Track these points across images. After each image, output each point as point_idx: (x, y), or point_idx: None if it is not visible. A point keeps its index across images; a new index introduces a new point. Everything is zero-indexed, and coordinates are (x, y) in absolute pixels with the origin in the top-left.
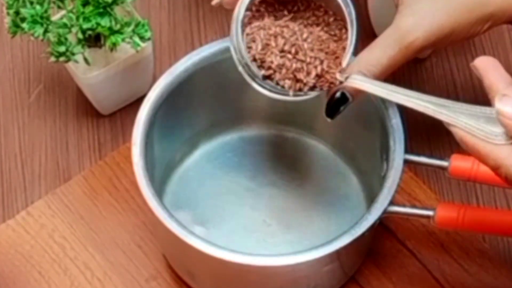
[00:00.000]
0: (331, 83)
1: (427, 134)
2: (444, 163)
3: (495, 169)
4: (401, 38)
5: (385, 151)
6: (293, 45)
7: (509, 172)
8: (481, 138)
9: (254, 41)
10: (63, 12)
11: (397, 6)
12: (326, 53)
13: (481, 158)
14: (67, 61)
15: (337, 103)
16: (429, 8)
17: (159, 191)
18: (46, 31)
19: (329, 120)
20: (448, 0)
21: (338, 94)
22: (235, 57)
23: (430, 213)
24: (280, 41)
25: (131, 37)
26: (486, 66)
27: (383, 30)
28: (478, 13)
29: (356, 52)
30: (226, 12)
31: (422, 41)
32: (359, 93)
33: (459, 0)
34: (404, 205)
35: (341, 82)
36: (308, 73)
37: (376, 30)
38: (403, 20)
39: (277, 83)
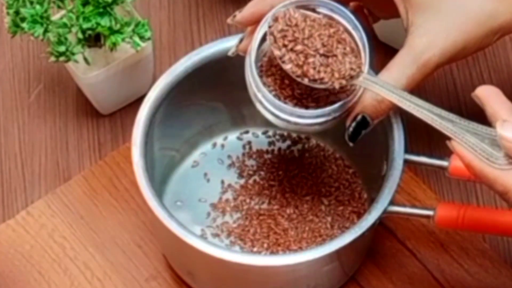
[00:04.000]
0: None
1: (427, 134)
2: (444, 163)
3: (503, 194)
4: (417, 57)
5: (385, 151)
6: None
7: None
8: (483, 160)
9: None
10: (63, 12)
11: (407, 28)
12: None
13: (489, 183)
14: (67, 61)
15: (358, 127)
16: (441, 26)
17: (159, 191)
18: (46, 31)
19: (351, 144)
20: (458, 17)
21: (359, 118)
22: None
23: (430, 213)
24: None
25: (131, 37)
26: (488, 95)
27: (389, 36)
28: (488, 26)
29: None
30: (226, 12)
31: (438, 58)
32: (379, 116)
33: (469, 16)
34: (404, 205)
35: (351, 77)
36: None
37: (379, 36)
38: (416, 40)
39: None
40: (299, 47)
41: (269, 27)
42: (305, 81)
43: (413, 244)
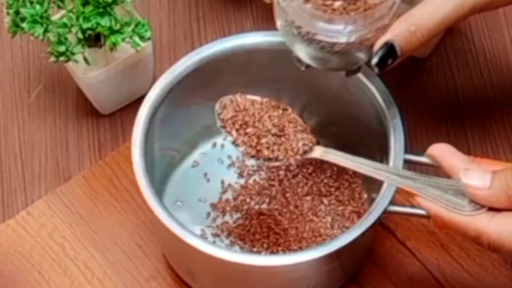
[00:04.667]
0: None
1: (427, 134)
2: None
3: (476, 238)
4: None
5: (385, 151)
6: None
7: (492, 239)
8: (451, 210)
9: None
10: (63, 12)
11: None
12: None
13: (460, 230)
14: (67, 61)
15: (386, 55)
16: None
17: (159, 191)
18: (46, 31)
19: (376, 70)
20: None
21: (387, 45)
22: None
23: None
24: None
25: (131, 37)
26: (442, 153)
27: None
28: None
29: None
30: (226, 12)
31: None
32: (409, 48)
33: None
34: (404, 205)
35: (305, 152)
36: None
37: None
38: None
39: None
40: (250, 130)
41: (218, 114)
42: (260, 160)
43: (413, 244)
